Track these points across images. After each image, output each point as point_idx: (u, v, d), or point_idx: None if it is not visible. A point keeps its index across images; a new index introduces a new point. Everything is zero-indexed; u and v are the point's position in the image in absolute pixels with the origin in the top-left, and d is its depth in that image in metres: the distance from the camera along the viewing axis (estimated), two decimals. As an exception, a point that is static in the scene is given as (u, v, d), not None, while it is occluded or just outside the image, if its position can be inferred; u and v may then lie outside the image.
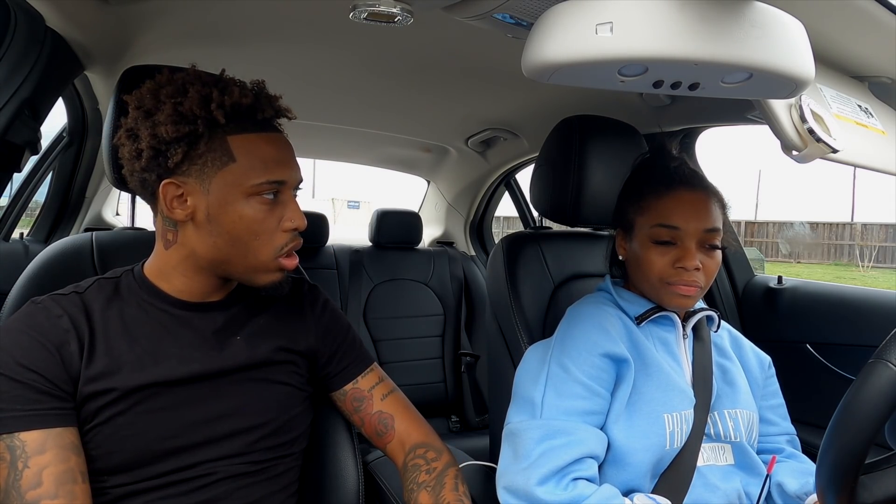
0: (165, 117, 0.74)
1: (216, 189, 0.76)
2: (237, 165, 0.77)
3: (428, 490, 0.85)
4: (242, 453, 0.81)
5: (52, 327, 0.74)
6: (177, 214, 0.77)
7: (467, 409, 2.27)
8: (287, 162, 0.81)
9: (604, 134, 1.18)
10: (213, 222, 0.77)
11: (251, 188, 0.77)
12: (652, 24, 0.54)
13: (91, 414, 0.73)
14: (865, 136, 0.79)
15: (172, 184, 0.76)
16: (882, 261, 13.77)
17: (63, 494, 0.68)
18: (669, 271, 0.92)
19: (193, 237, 0.79)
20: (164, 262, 0.82)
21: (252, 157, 0.77)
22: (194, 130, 0.75)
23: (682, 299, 0.93)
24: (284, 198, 0.81)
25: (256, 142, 0.78)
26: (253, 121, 0.79)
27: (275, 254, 0.80)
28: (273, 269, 0.81)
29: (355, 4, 0.93)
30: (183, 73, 0.79)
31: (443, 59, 1.35)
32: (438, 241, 2.91)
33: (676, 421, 0.90)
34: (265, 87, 0.82)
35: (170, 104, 0.75)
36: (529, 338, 1.09)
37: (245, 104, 0.77)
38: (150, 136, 0.75)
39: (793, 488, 0.94)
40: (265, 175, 0.77)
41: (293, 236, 0.81)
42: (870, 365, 0.63)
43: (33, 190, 1.92)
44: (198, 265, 0.81)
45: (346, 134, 2.18)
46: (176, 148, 0.74)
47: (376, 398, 0.93)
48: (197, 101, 0.74)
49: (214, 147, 0.76)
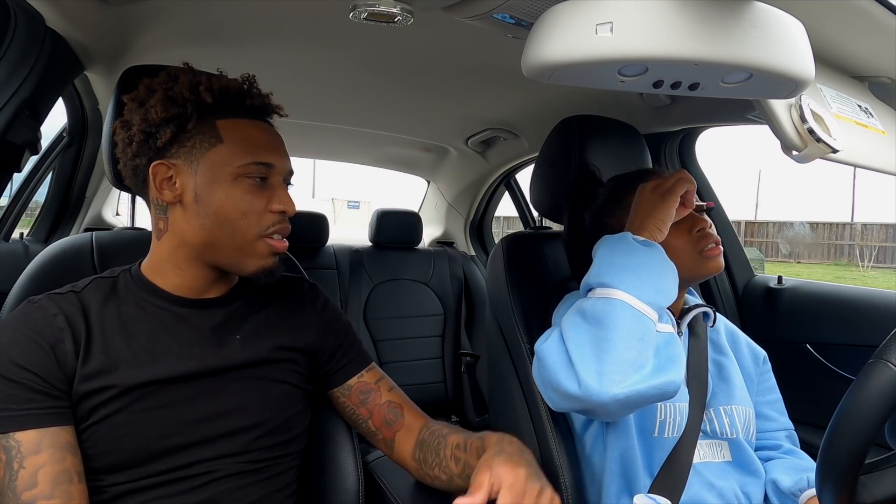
0: (156, 101, 0.77)
1: (204, 170, 0.78)
2: (225, 147, 0.79)
3: (456, 433, 0.88)
4: (241, 452, 0.81)
5: (46, 326, 0.74)
6: (166, 196, 0.79)
7: (467, 409, 2.27)
8: (275, 148, 0.82)
9: (604, 134, 1.18)
10: (200, 203, 0.78)
11: (238, 168, 0.78)
12: (652, 24, 0.54)
13: (87, 412, 0.73)
14: (865, 136, 0.79)
15: (162, 164, 0.79)
16: (882, 261, 13.77)
17: (59, 495, 0.68)
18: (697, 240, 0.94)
19: (182, 221, 0.80)
20: (158, 254, 0.83)
21: (240, 139, 0.79)
22: (183, 113, 0.77)
23: (717, 260, 0.94)
24: (273, 182, 0.82)
25: (245, 126, 0.81)
26: (242, 107, 0.82)
27: (261, 232, 0.80)
28: (262, 252, 0.81)
29: (355, 4, 0.93)
30: (176, 67, 0.82)
31: (443, 59, 1.35)
32: (438, 241, 2.91)
33: (669, 411, 0.91)
34: (255, 81, 0.84)
35: (161, 90, 0.78)
36: (529, 338, 1.09)
37: (233, 88, 0.80)
38: (141, 120, 0.78)
39: (787, 485, 0.94)
40: (252, 156, 0.79)
41: (281, 218, 0.82)
42: (870, 365, 0.63)
43: (33, 190, 1.92)
44: (189, 254, 0.81)
45: (346, 134, 2.18)
46: (164, 129, 0.77)
47: (384, 390, 0.94)
48: (187, 85, 0.78)
49: (203, 130, 0.79)
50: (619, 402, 0.77)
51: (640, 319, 0.79)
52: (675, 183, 0.87)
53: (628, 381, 0.76)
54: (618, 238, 0.87)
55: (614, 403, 0.77)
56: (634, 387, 0.76)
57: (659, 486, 0.89)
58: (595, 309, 0.81)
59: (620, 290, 0.81)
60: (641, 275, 0.82)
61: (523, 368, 1.07)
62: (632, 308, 0.80)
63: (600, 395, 0.76)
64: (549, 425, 0.99)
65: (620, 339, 0.78)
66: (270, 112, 0.86)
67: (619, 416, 0.90)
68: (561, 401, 0.83)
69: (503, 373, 1.14)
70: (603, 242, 0.89)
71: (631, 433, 0.91)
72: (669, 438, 0.91)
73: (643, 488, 0.89)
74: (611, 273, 0.83)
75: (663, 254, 0.85)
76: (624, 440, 0.91)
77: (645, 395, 0.77)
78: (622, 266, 0.83)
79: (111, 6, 1.04)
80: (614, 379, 0.76)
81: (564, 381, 0.80)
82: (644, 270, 0.82)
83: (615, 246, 0.86)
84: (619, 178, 1.03)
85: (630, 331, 0.78)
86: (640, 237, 0.86)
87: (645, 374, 0.77)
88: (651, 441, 0.91)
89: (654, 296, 0.81)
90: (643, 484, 0.90)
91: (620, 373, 0.76)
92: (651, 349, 0.79)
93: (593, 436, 0.97)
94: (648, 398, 0.79)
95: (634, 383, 0.76)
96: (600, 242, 0.89)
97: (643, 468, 0.91)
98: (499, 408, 1.18)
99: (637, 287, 0.81)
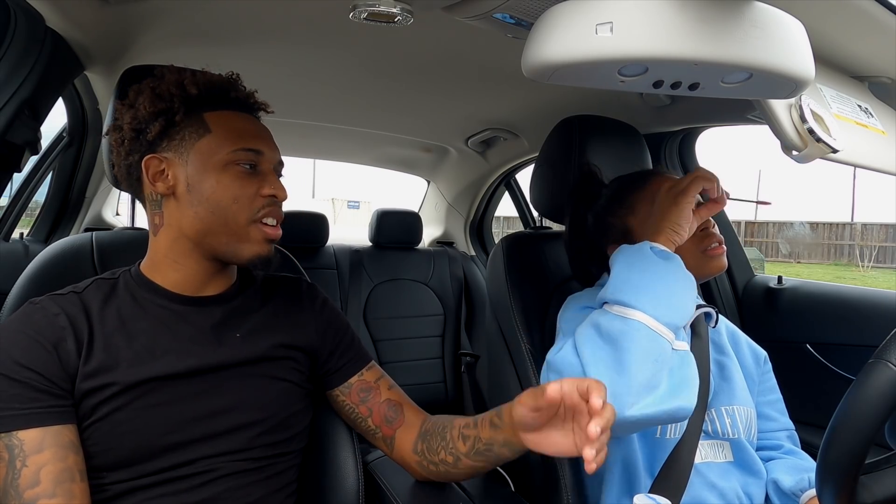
0: (143, 99, 0.80)
1: (194, 159, 0.80)
2: (213, 136, 0.81)
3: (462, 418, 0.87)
4: (242, 449, 0.81)
5: (48, 325, 0.74)
6: (159, 188, 0.81)
7: (467, 409, 2.27)
8: (262, 137, 0.84)
9: (604, 134, 1.18)
10: (193, 192, 0.80)
11: (227, 156, 0.80)
12: (652, 24, 0.54)
13: (89, 410, 0.74)
14: (865, 136, 0.79)
15: (154, 158, 0.81)
16: (882, 261, 13.76)
17: (61, 493, 0.68)
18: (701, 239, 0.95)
19: (177, 212, 0.81)
20: (156, 251, 0.84)
21: (227, 128, 0.82)
22: (171, 107, 0.79)
23: (720, 260, 0.96)
24: (263, 169, 0.84)
25: (231, 117, 0.83)
26: (227, 99, 0.84)
27: (252, 216, 0.81)
28: (256, 238, 0.82)
29: (355, 4, 0.93)
30: (162, 66, 0.85)
31: (443, 59, 1.35)
32: (438, 241, 2.91)
33: None
34: (240, 79, 0.86)
35: (148, 89, 0.81)
36: (529, 338, 1.09)
37: (218, 81, 0.83)
38: (131, 119, 0.80)
39: (788, 485, 0.94)
40: (240, 143, 0.81)
41: (271, 201, 0.83)
42: (870, 365, 0.63)
43: (33, 190, 1.92)
44: (186, 247, 0.82)
45: (346, 134, 2.18)
46: (153, 124, 0.80)
47: (383, 388, 0.95)
48: (172, 82, 0.80)
49: (191, 122, 0.81)
50: (630, 423, 0.77)
51: (657, 341, 0.79)
52: (690, 183, 0.86)
53: (641, 403, 0.76)
54: (636, 250, 0.86)
55: (624, 424, 0.77)
56: (645, 410, 0.76)
57: (660, 487, 0.89)
58: (612, 328, 0.80)
59: (638, 311, 0.80)
60: (659, 293, 0.81)
61: (523, 368, 1.07)
62: (649, 329, 0.79)
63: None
64: (549, 425, 0.99)
65: (635, 362, 0.77)
66: (256, 108, 0.88)
67: (625, 434, 0.90)
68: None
69: (503, 373, 1.14)
70: (620, 253, 0.88)
71: (632, 435, 0.91)
72: (671, 439, 0.91)
73: (644, 488, 0.89)
74: (628, 291, 0.82)
75: (682, 267, 0.84)
76: (625, 441, 0.91)
77: (655, 418, 0.77)
78: (640, 283, 0.82)
79: (111, 6, 1.04)
80: (627, 402, 0.76)
81: None
82: (662, 287, 0.81)
83: (633, 259, 0.85)
84: (622, 179, 1.03)
85: (646, 352, 0.78)
86: (659, 246, 0.85)
87: (658, 396, 0.77)
88: (652, 441, 0.91)
89: (672, 315, 0.81)
90: (644, 484, 0.90)
91: (634, 395, 0.76)
92: (665, 370, 0.79)
93: (594, 436, 0.96)
94: (658, 421, 0.79)
95: (646, 406, 0.76)
96: (617, 253, 0.88)
97: (644, 468, 0.91)
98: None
99: (655, 306, 0.80)
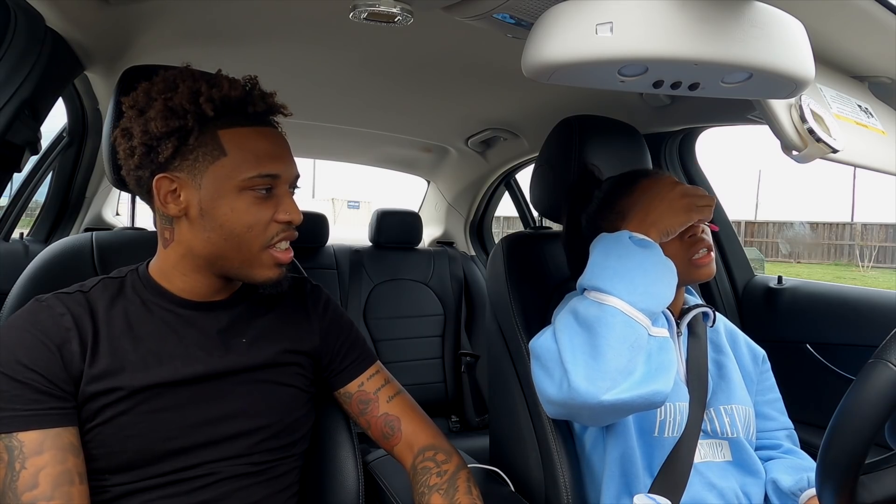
0: (156, 113, 0.75)
1: (208, 183, 0.76)
2: (228, 159, 0.76)
3: (441, 493, 0.84)
4: (245, 454, 0.81)
5: (53, 326, 0.74)
6: (170, 210, 0.78)
7: (467, 410, 2.27)
8: (280, 156, 0.80)
9: (604, 134, 1.18)
10: (206, 217, 0.77)
11: (243, 182, 0.76)
12: (652, 24, 0.54)
13: (93, 413, 0.73)
14: (865, 136, 0.79)
15: (166, 178, 0.77)
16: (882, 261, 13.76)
17: (59, 496, 0.68)
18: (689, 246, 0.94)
19: (188, 234, 0.79)
20: (165, 261, 0.82)
21: (243, 150, 0.77)
22: (184, 125, 0.75)
23: (708, 268, 0.94)
24: (279, 192, 0.80)
25: (248, 135, 0.78)
26: (244, 115, 0.79)
27: (266, 243, 0.79)
28: (267, 263, 0.80)
29: (355, 4, 0.93)
30: (175, 71, 0.80)
31: (443, 59, 1.35)
32: (438, 241, 2.91)
33: (669, 411, 0.91)
34: (258, 82, 0.81)
35: (160, 100, 0.75)
36: (529, 338, 1.09)
37: (234, 97, 0.77)
38: (141, 132, 0.75)
39: (787, 485, 0.94)
40: (257, 168, 0.77)
41: (285, 227, 0.81)
42: (870, 365, 0.63)
43: (33, 190, 1.92)
44: (196, 264, 0.81)
45: (346, 134, 2.18)
46: (166, 143, 0.75)
47: (382, 400, 0.92)
48: (186, 95, 0.75)
49: (205, 141, 0.76)
50: (606, 407, 0.77)
51: (633, 326, 0.79)
52: (706, 205, 0.87)
53: (617, 388, 0.76)
54: (614, 238, 0.86)
55: (601, 408, 0.77)
56: (621, 395, 0.76)
57: (659, 486, 0.89)
58: (588, 314, 0.81)
59: (614, 296, 0.80)
60: (636, 279, 0.81)
61: (523, 368, 1.07)
62: (624, 315, 0.79)
63: (587, 399, 0.76)
64: (549, 425, 1.00)
65: (610, 347, 0.77)
66: (275, 113, 0.83)
67: (604, 422, 0.90)
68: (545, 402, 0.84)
69: (503, 373, 1.14)
70: (599, 241, 0.88)
71: (631, 433, 0.91)
72: (669, 438, 0.91)
73: (643, 488, 0.89)
74: (604, 277, 0.82)
75: (660, 254, 0.85)
76: (624, 440, 0.91)
77: (631, 403, 0.77)
78: (616, 270, 0.82)
79: (111, 6, 1.04)
80: (603, 386, 0.76)
81: (553, 382, 0.80)
82: (639, 274, 0.82)
83: (611, 247, 0.85)
84: (613, 181, 1.03)
85: (621, 338, 0.78)
86: (638, 235, 0.85)
87: (633, 381, 0.77)
88: (651, 441, 0.91)
89: (649, 301, 0.81)
90: (643, 484, 0.90)
91: (610, 380, 0.76)
92: (642, 356, 0.79)
93: (593, 436, 0.97)
94: (635, 407, 0.79)
95: (623, 391, 0.76)
96: (597, 241, 0.89)
97: (643, 468, 0.91)
98: (499, 408, 1.18)
99: (630, 292, 0.80)
